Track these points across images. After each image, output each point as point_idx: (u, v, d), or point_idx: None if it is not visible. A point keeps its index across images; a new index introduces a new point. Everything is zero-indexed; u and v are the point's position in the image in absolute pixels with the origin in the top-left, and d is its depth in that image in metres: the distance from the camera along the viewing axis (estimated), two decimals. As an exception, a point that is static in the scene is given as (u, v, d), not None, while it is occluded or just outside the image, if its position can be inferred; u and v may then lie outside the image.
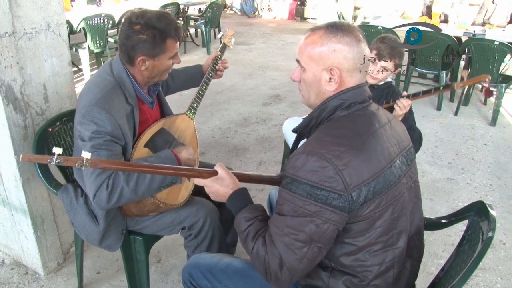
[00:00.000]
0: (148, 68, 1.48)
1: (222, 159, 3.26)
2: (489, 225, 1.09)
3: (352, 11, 8.16)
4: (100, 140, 1.38)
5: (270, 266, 1.04)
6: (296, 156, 1.02)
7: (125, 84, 1.48)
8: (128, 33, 1.43)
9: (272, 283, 1.06)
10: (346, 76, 1.07)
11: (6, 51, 1.59)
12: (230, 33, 2.05)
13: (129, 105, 1.49)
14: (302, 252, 1.00)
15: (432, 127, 3.93)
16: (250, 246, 1.08)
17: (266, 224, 1.12)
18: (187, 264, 1.38)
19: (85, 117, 1.39)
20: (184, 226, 1.62)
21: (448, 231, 2.38)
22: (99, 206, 1.41)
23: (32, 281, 2.00)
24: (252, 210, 1.15)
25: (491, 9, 5.02)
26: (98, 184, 1.36)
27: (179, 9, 6.37)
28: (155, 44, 1.42)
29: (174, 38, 1.46)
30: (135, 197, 1.41)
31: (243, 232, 1.11)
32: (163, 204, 1.53)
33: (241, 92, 4.79)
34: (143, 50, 1.43)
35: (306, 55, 1.09)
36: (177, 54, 1.53)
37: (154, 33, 1.41)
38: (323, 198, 0.97)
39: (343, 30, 1.06)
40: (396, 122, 1.19)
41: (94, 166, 1.05)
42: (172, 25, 1.45)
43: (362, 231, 1.04)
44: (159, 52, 1.45)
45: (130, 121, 1.48)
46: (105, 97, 1.41)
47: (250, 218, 1.12)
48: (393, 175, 1.05)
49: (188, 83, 1.99)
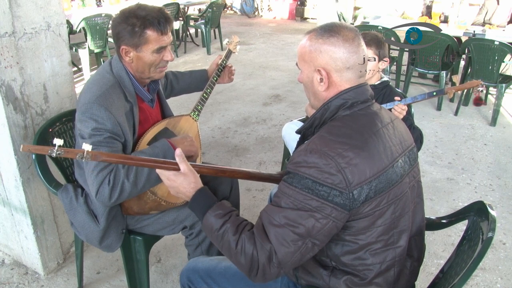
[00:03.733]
0: (133, 60, 1.47)
1: (222, 159, 3.26)
2: (489, 225, 1.09)
3: (352, 11, 8.16)
4: (100, 137, 1.38)
5: (258, 260, 1.01)
6: (299, 153, 1.02)
7: (124, 82, 1.49)
8: (113, 23, 1.46)
9: (257, 278, 1.03)
10: (336, 76, 1.08)
11: (6, 51, 1.59)
12: (235, 39, 2.08)
13: (129, 103, 1.49)
14: (297, 245, 1.00)
15: (432, 127, 3.93)
16: (232, 242, 1.04)
17: (243, 219, 1.10)
18: (185, 268, 1.37)
19: (85, 114, 1.39)
20: (185, 225, 1.62)
21: (448, 231, 2.38)
22: (102, 203, 1.40)
23: (32, 281, 2.00)
24: (222, 206, 1.11)
25: (492, 9, 5.02)
26: (100, 180, 1.36)
27: (179, 9, 6.37)
28: (134, 34, 1.41)
29: (155, 29, 1.42)
30: (136, 190, 1.40)
31: (218, 229, 1.07)
32: (164, 202, 1.52)
33: (241, 92, 4.80)
34: (124, 39, 1.43)
35: (300, 58, 1.13)
36: (165, 48, 1.48)
37: (134, 22, 1.41)
38: (324, 195, 0.97)
39: (331, 31, 1.07)
40: (398, 122, 1.19)
41: (95, 158, 1.05)
42: (153, 15, 1.42)
43: (363, 229, 1.04)
44: (140, 43, 1.43)
45: (129, 119, 1.49)
46: (104, 94, 1.41)
47: (223, 214, 1.09)
48: (396, 174, 1.05)
49: (193, 86, 2.00)
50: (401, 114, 1.86)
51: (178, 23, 6.59)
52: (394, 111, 1.87)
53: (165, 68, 1.55)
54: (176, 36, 6.58)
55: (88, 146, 1.03)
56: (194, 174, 1.15)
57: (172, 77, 1.95)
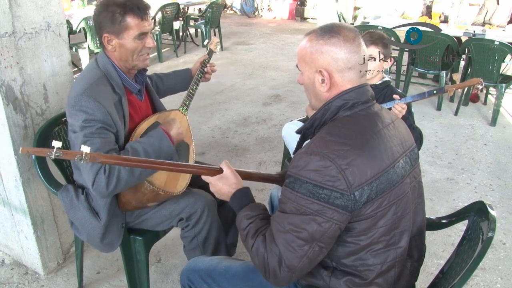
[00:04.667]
0: (115, 48, 1.48)
1: (222, 159, 3.26)
2: (489, 225, 1.09)
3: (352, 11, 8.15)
4: (92, 128, 1.38)
5: (269, 264, 1.04)
6: (299, 155, 1.02)
7: (111, 74, 1.50)
8: (94, 13, 1.48)
9: (271, 281, 1.07)
10: (337, 77, 1.08)
11: (6, 51, 1.59)
12: (215, 40, 2.12)
13: (117, 94, 1.50)
14: (303, 250, 1.00)
15: (432, 127, 3.93)
16: (250, 243, 1.09)
17: (267, 222, 1.13)
18: (185, 268, 1.38)
19: (74, 107, 1.40)
20: (181, 217, 1.62)
21: (448, 231, 2.38)
22: (99, 193, 1.39)
23: (32, 281, 2.00)
24: (253, 208, 1.15)
25: (492, 9, 5.02)
26: (95, 170, 1.36)
27: (179, 9, 6.37)
28: (115, 20, 1.43)
29: (136, 14, 1.44)
30: (133, 178, 1.40)
31: (243, 230, 1.12)
32: (162, 192, 1.51)
33: (241, 92, 4.79)
34: (105, 27, 1.45)
35: (301, 59, 1.13)
36: (146, 35, 1.50)
37: (114, 9, 1.43)
38: (325, 197, 0.97)
39: (331, 32, 1.07)
40: (399, 122, 1.19)
41: (93, 160, 1.05)
42: (133, 1, 1.44)
43: (365, 230, 1.04)
44: (121, 30, 1.45)
45: (119, 110, 1.49)
46: (91, 86, 1.43)
47: (251, 216, 1.13)
48: (397, 175, 1.05)
49: (178, 85, 2.00)
50: (400, 113, 1.86)
51: (178, 23, 6.59)
52: (394, 110, 1.86)
53: (148, 56, 1.56)
54: (176, 36, 6.57)
55: (87, 148, 1.03)
56: (236, 176, 1.21)
57: (157, 78, 1.95)
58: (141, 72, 1.62)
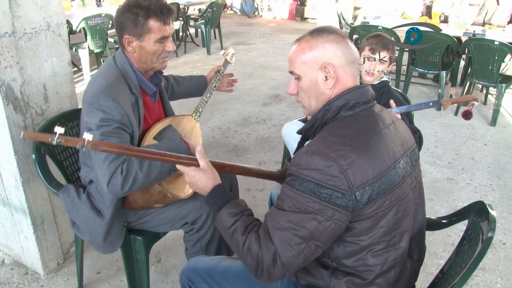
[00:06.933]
0: (135, 50, 1.48)
1: (222, 159, 3.26)
2: (489, 225, 1.09)
3: (352, 11, 8.16)
4: (109, 127, 1.38)
5: (263, 261, 1.02)
6: (300, 155, 1.02)
7: (128, 75, 1.50)
8: (117, 13, 1.47)
9: (263, 278, 1.05)
10: (341, 72, 1.09)
11: (6, 51, 1.59)
12: (231, 51, 2.13)
13: (134, 95, 1.50)
14: (300, 248, 1.00)
15: (432, 127, 3.93)
16: (241, 241, 1.06)
17: (254, 219, 1.12)
18: (185, 268, 1.37)
19: (92, 105, 1.40)
20: (186, 221, 1.62)
21: (448, 231, 2.38)
22: (113, 193, 1.39)
23: (32, 281, 2.00)
24: (236, 205, 1.13)
25: (492, 9, 5.02)
26: (112, 170, 1.35)
27: (179, 9, 6.37)
28: (137, 23, 1.43)
29: (159, 18, 1.44)
30: (148, 181, 1.41)
31: (229, 228, 1.09)
32: (170, 194, 1.52)
33: (241, 92, 4.79)
34: (127, 29, 1.44)
35: (299, 63, 1.12)
36: (167, 38, 1.50)
37: (137, 12, 1.42)
38: (326, 197, 0.97)
39: (327, 31, 1.11)
40: (400, 123, 1.19)
41: (95, 147, 1.05)
42: (157, 5, 1.44)
43: (365, 230, 1.04)
44: (143, 32, 1.44)
45: (135, 111, 1.50)
46: (110, 85, 1.42)
47: (236, 213, 1.11)
48: (397, 175, 1.05)
49: (192, 90, 2.03)
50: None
51: (178, 23, 6.59)
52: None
53: (167, 58, 1.56)
54: (176, 36, 6.58)
55: (89, 135, 1.03)
56: (213, 171, 1.19)
57: (173, 80, 1.97)
58: (156, 74, 1.62)
